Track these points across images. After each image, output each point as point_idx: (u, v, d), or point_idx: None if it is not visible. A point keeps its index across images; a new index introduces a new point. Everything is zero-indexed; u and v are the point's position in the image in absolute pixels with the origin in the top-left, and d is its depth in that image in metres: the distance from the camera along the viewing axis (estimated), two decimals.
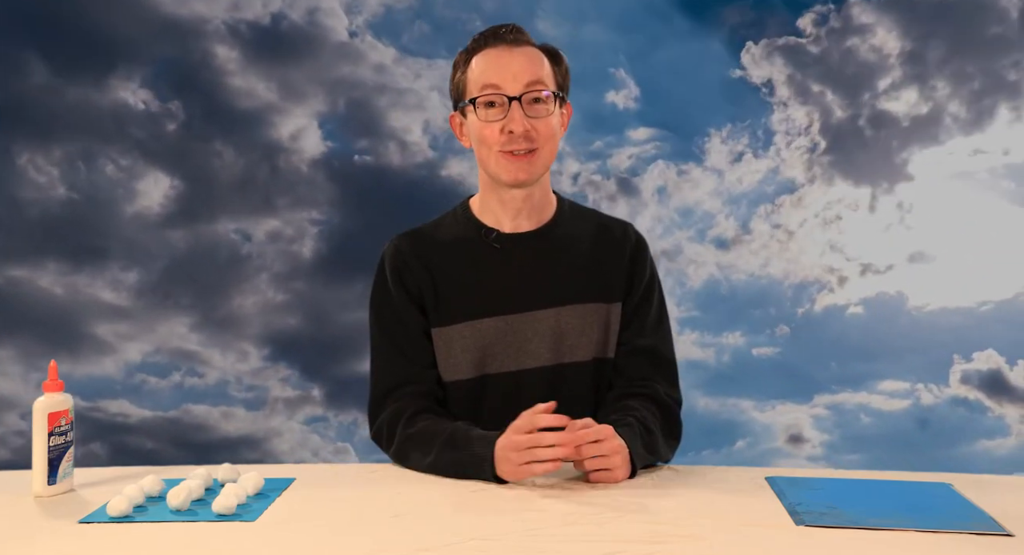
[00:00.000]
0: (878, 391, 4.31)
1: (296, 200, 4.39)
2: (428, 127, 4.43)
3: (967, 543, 1.27)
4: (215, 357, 4.31)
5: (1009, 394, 4.28)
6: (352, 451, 4.37)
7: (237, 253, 4.38)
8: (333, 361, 4.44)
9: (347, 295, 4.45)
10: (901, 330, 4.36)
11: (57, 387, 1.52)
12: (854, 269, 4.37)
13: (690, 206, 4.41)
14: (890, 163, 4.35)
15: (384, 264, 1.78)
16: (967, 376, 4.27)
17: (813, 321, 4.36)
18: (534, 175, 1.69)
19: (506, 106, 1.65)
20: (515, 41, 1.68)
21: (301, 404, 4.37)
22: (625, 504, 1.43)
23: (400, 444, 1.67)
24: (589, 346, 1.74)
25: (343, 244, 4.42)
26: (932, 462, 4.26)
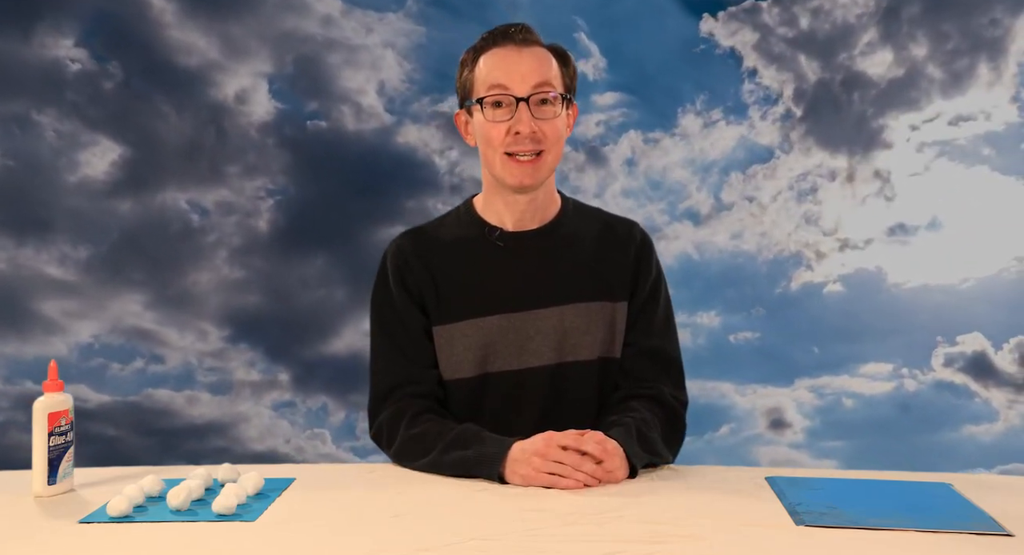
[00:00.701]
0: (860, 374, 4.19)
1: (247, 168, 4.16)
2: (383, 89, 4.20)
3: (967, 543, 1.27)
4: (172, 337, 4.11)
5: (995, 378, 4.18)
6: (329, 437, 4.25)
7: (189, 225, 4.14)
8: (299, 343, 4.27)
9: (308, 271, 4.26)
10: (881, 309, 4.22)
11: (57, 387, 1.52)
12: (831, 244, 4.22)
13: (661, 177, 4.24)
14: (866, 130, 4.18)
15: (386, 263, 1.78)
16: (951, 359, 4.16)
17: (790, 300, 4.22)
18: (539, 180, 1.69)
19: (513, 107, 1.65)
20: (524, 41, 1.68)
21: (268, 389, 4.20)
22: (625, 504, 1.43)
23: (402, 444, 1.67)
24: (593, 345, 1.73)
25: (300, 217, 4.21)
26: (916, 449, 4.17)
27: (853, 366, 4.18)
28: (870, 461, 4.14)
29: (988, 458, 4.13)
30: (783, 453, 4.16)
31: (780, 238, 4.20)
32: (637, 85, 4.21)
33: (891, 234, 4.17)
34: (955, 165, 4.12)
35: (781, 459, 4.13)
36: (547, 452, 1.50)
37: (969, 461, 4.12)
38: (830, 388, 4.18)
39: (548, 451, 1.50)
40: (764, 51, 4.15)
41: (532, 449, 1.51)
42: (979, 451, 4.15)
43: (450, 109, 4.23)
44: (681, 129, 4.20)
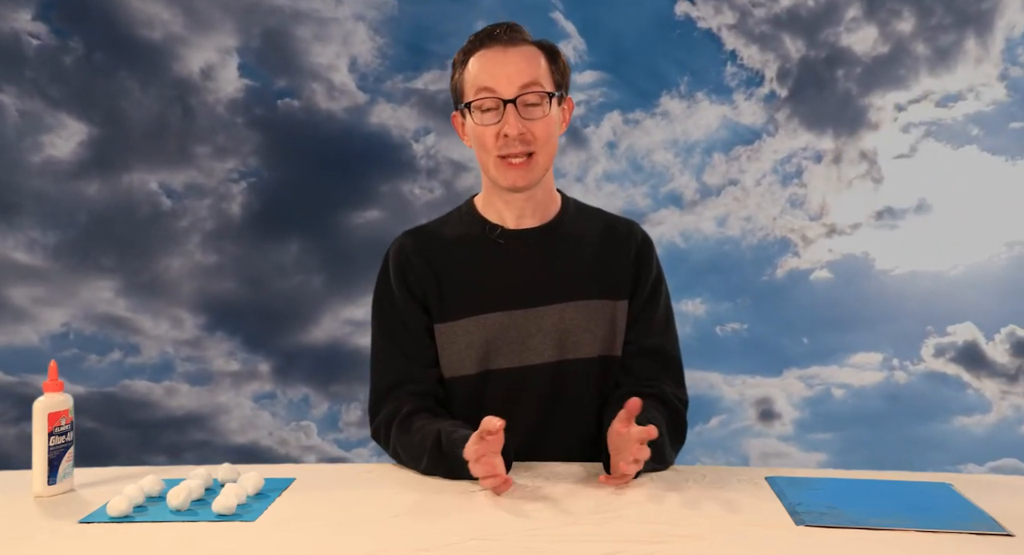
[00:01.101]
0: (849, 365, 4.08)
1: (217, 150, 3.99)
2: (355, 64, 4.06)
3: (967, 543, 1.27)
4: (147, 324, 3.98)
5: (987, 368, 4.07)
6: (315, 429, 4.15)
7: (158, 208, 3.98)
8: (277, 332, 4.14)
9: (283, 258, 4.12)
10: (870, 297, 4.10)
11: (57, 387, 1.52)
12: (818, 229, 4.09)
13: (643, 159, 4.10)
14: (852, 110, 4.04)
15: (387, 262, 1.78)
16: (942, 349, 4.06)
17: (777, 288, 4.10)
18: (532, 180, 1.69)
19: (501, 109, 1.65)
20: (510, 41, 1.67)
21: (248, 379, 4.07)
22: (625, 504, 1.43)
23: (394, 448, 1.68)
24: (594, 343, 1.73)
25: (274, 201, 4.08)
26: (907, 442, 4.07)
27: (842, 356, 4.08)
28: (860, 454, 4.07)
29: (980, 452, 4.04)
30: (772, 446, 4.08)
31: (765, 223, 4.09)
32: (616, 64, 4.09)
33: (879, 218, 4.06)
34: (943, 146, 4.03)
35: (771, 451, 4.07)
36: (473, 461, 1.47)
37: (961, 454, 4.04)
38: (819, 378, 4.09)
39: (472, 463, 1.48)
40: (745, 30, 4.03)
41: (471, 455, 1.48)
42: (972, 444, 4.06)
43: (424, 86, 4.09)
44: (662, 109, 4.08)
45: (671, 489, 1.51)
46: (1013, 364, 4.07)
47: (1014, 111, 3.99)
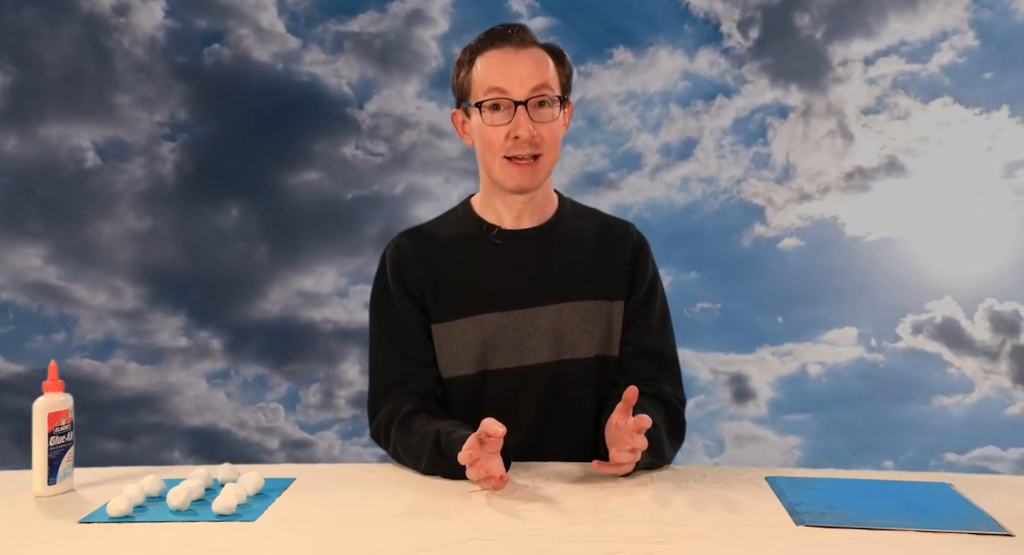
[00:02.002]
0: (824, 341, 3.88)
1: (140, 100, 3.68)
2: (283, 3, 3.78)
3: (967, 543, 1.27)
4: (83, 295, 3.72)
5: (967, 346, 3.88)
6: (283, 412, 3.96)
7: (82, 166, 3.68)
8: (225, 305, 3.90)
9: (223, 223, 3.86)
10: (842, 268, 3.88)
11: (57, 387, 1.52)
12: (784, 193, 3.86)
13: (597, 114, 3.84)
14: (817, 61, 3.79)
15: (385, 262, 1.79)
16: (919, 325, 3.87)
17: (744, 258, 3.85)
18: (537, 182, 1.70)
19: (511, 110, 1.65)
20: (521, 42, 1.68)
21: (198, 357, 3.84)
22: (625, 504, 1.43)
23: (394, 448, 1.68)
24: (591, 343, 1.74)
25: (207, 160, 3.81)
26: (885, 424, 3.88)
27: (816, 332, 3.88)
28: (837, 439, 3.91)
29: (961, 434, 3.86)
30: (747, 429, 3.95)
31: (728, 185, 3.88)
32: (568, 12, 3.87)
33: (848, 180, 3.85)
34: (913, 100, 3.84)
35: (745, 435, 3.95)
36: (468, 465, 1.47)
37: (941, 437, 3.86)
38: (793, 356, 3.89)
39: (468, 467, 1.47)
40: None
41: (466, 459, 1.47)
42: (952, 426, 3.88)
43: (359, 29, 3.88)
44: (617, 61, 3.88)
45: (671, 489, 1.51)
46: (995, 341, 3.89)
47: (986, 59, 3.80)
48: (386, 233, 4.06)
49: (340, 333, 3.99)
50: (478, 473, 1.47)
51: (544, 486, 1.51)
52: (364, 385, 3.94)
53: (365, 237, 4.08)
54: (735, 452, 3.93)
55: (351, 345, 3.99)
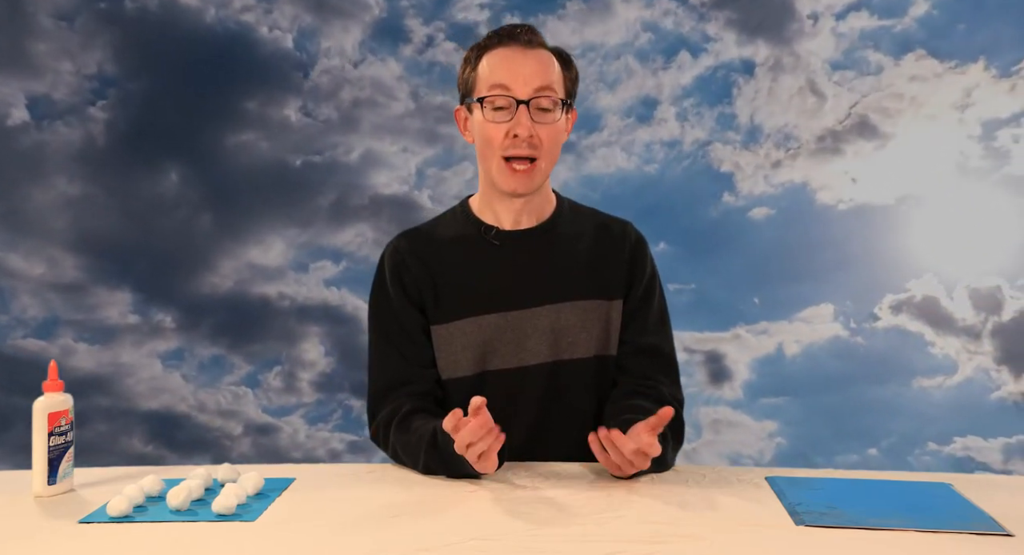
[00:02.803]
0: (800, 319, 3.70)
1: (58, 51, 3.38)
2: None
3: (967, 543, 1.27)
4: (19, 265, 3.46)
5: (948, 325, 3.69)
6: (245, 395, 3.77)
7: (5, 124, 3.41)
8: (172, 278, 3.66)
9: (165, 189, 3.58)
10: (816, 240, 3.67)
11: (57, 387, 1.52)
12: (751, 157, 3.63)
13: None
14: (783, 13, 3.55)
15: (383, 263, 1.79)
16: (899, 303, 3.68)
17: (713, 231, 3.65)
18: (533, 187, 1.70)
19: (513, 108, 1.65)
20: (529, 42, 1.68)
21: (150, 336, 3.61)
22: (625, 504, 1.43)
23: (393, 448, 1.68)
24: (589, 343, 1.74)
25: (140, 120, 3.53)
26: (863, 407, 3.71)
27: (791, 310, 3.68)
28: (814, 424, 3.75)
29: (944, 420, 3.69)
30: (724, 414, 3.81)
31: (692, 150, 3.67)
32: None
33: (819, 142, 3.63)
34: (884, 56, 3.64)
35: (722, 419, 3.84)
36: (459, 442, 1.48)
37: (923, 422, 3.69)
38: (769, 335, 3.70)
39: (458, 443, 1.48)
40: None
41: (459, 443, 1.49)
42: (933, 410, 3.69)
43: None
44: (569, 11, 3.68)
45: (671, 489, 1.51)
46: (977, 319, 3.71)
47: (960, 10, 3.61)
48: (340, 201, 3.84)
49: (299, 311, 3.80)
50: (464, 437, 1.45)
51: (544, 486, 1.51)
52: (327, 367, 3.83)
53: (318, 207, 3.87)
54: (712, 438, 3.84)
55: (310, 324, 3.80)
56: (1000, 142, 3.69)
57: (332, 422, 3.89)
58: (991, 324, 3.73)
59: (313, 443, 3.87)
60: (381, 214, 3.92)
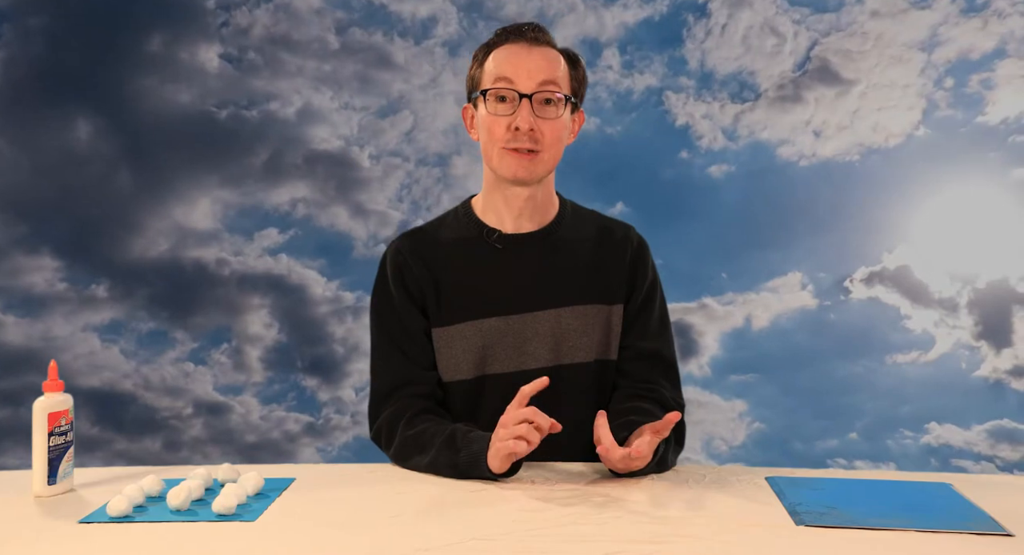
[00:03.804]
0: (768, 289, 3.47)
1: None
2: None
3: (967, 543, 1.27)
4: None
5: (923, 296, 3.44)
6: (191, 372, 3.54)
7: None
8: (97, 242, 3.35)
9: (73, 142, 3.26)
10: (779, 203, 3.41)
11: (57, 387, 1.52)
12: (705, 108, 3.36)
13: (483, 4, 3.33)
14: None
15: (385, 264, 1.79)
16: (872, 273, 3.44)
17: (671, 193, 3.41)
18: (534, 175, 1.70)
19: (516, 102, 1.66)
20: (535, 40, 1.69)
21: (82, 307, 3.31)
22: (625, 504, 1.43)
23: (400, 445, 1.67)
24: (590, 347, 1.74)
25: (43, 59, 3.23)
26: (836, 387, 3.50)
27: (758, 280, 3.44)
28: (785, 401, 3.53)
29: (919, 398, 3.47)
30: (693, 395, 3.60)
31: (640, 99, 3.39)
32: None
33: (779, 91, 3.37)
34: None
35: (691, 399, 3.47)
36: (506, 422, 1.51)
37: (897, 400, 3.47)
38: (736, 306, 3.48)
39: (507, 421, 1.51)
40: None
41: (499, 425, 1.52)
42: (908, 387, 3.47)
43: None
44: None
45: (671, 489, 1.51)
46: (953, 289, 3.47)
47: None
48: (275, 157, 3.60)
49: (240, 280, 3.55)
50: (527, 413, 1.49)
51: (544, 486, 1.51)
52: (276, 341, 3.72)
53: (252, 164, 3.58)
54: None
55: (253, 295, 3.55)
56: (972, 88, 3.46)
57: (287, 402, 3.67)
58: (968, 294, 3.52)
59: (268, 424, 3.67)
60: (316, 172, 3.66)
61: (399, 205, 3.76)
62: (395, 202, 3.77)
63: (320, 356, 3.65)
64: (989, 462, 3.52)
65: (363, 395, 3.78)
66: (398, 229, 3.69)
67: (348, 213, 3.74)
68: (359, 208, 3.75)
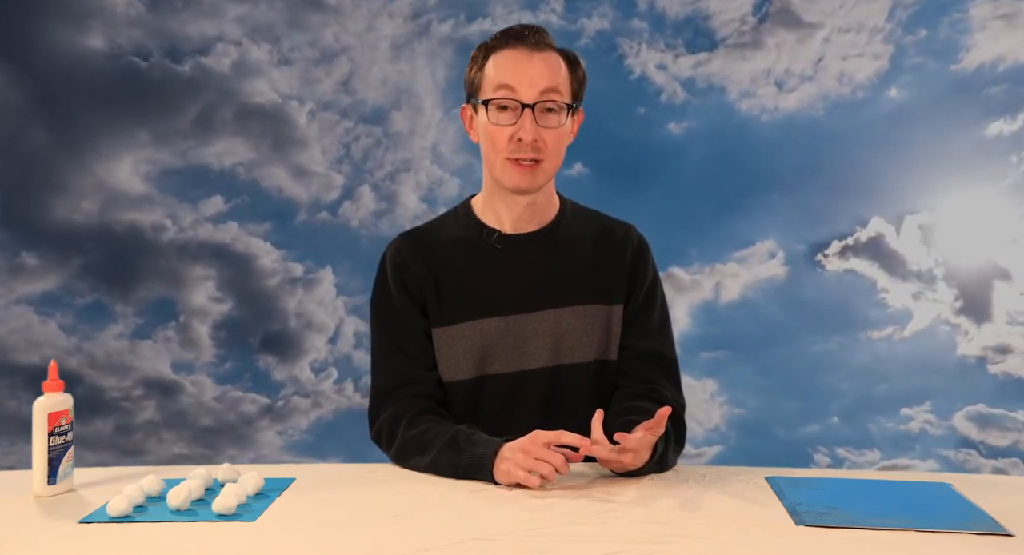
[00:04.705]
0: (735, 259, 3.28)
1: None
2: None
3: (967, 543, 1.27)
4: None
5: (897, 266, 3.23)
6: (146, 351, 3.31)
7: None
8: (24, 204, 3.06)
9: None
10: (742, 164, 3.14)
11: (57, 387, 1.52)
12: (655, 55, 3.13)
13: None
14: None
15: (385, 264, 1.78)
16: (845, 244, 3.25)
17: (632, 150, 3.18)
18: (536, 185, 1.70)
19: (518, 111, 1.65)
20: (537, 45, 1.68)
21: (14, 276, 3.10)
22: (625, 504, 1.43)
23: (401, 445, 1.67)
24: (590, 347, 1.74)
25: None
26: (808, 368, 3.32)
27: (726, 250, 3.23)
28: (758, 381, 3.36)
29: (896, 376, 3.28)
30: None
31: (588, 43, 3.13)
32: None
33: (739, 37, 3.10)
34: None
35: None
36: (530, 449, 1.51)
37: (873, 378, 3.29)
38: (704, 276, 3.31)
39: (532, 448, 1.51)
40: None
41: (518, 446, 1.53)
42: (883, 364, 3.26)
43: None
44: None
45: (671, 489, 1.51)
46: (929, 257, 3.27)
47: None
48: (206, 113, 3.36)
49: (180, 248, 3.31)
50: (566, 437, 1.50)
51: (544, 486, 1.51)
52: (225, 316, 3.52)
53: (180, 118, 3.33)
54: None
55: (196, 264, 3.31)
56: (944, 34, 3.21)
57: (242, 382, 3.48)
58: (946, 265, 3.32)
59: (223, 406, 3.48)
60: (251, 128, 3.39)
61: (340, 167, 3.50)
62: (336, 164, 3.50)
63: (274, 332, 3.48)
64: (973, 449, 3.37)
65: (324, 375, 3.61)
66: (342, 194, 3.52)
67: (288, 174, 3.49)
68: (299, 170, 3.48)
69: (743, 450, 3.54)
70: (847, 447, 3.47)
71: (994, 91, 3.19)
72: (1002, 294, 3.35)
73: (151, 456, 3.51)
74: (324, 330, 3.62)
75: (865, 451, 3.49)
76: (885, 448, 3.45)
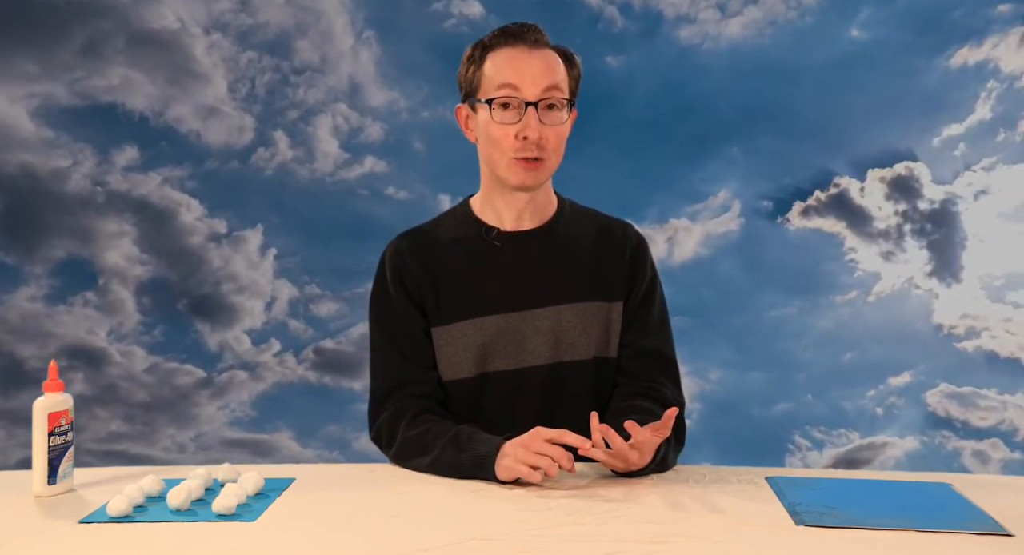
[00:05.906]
0: (688, 214, 3.03)
1: None
2: None
3: (967, 543, 1.27)
4: None
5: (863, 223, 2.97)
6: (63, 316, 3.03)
7: None
8: None
9: None
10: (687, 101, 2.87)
11: (57, 387, 1.52)
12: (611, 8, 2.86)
13: None
14: None
15: (384, 264, 1.78)
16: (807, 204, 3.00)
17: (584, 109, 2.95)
18: (539, 182, 1.70)
19: (521, 109, 1.65)
20: (535, 42, 1.68)
21: None
22: (625, 504, 1.43)
23: (401, 445, 1.67)
24: (589, 345, 1.74)
25: None
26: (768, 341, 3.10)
27: (680, 202, 2.98)
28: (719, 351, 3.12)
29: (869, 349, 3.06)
30: None
31: None
32: None
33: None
34: None
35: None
36: (531, 443, 1.52)
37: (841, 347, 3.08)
38: (658, 231, 3.05)
39: (532, 443, 1.52)
40: None
41: (519, 442, 1.53)
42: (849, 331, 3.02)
43: None
44: None
45: (671, 489, 1.51)
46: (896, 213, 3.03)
47: None
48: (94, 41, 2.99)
49: (87, 199, 2.98)
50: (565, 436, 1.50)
51: (544, 486, 1.51)
52: (149, 277, 3.12)
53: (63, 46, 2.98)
54: None
55: (109, 218, 2.99)
56: None
57: (176, 353, 3.19)
58: (912, 220, 3.09)
59: (155, 379, 3.20)
60: (145, 57, 3.03)
61: (251, 107, 3.15)
62: (244, 103, 3.16)
63: (204, 296, 3.16)
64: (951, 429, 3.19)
65: (264, 346, 3.32)
66: (256, 138, 3.17)
67: (193, 114, 3.11)
68: (208, 110, 3.13)
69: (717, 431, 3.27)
70: (820, 427, 3.24)
71: (957, 15, 2.88)
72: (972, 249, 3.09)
73: (87, 434, 3.19)
74: (258, 294, 3.31)
75: (844, 431, 3.28)
76: (861, 425, 3.23)
